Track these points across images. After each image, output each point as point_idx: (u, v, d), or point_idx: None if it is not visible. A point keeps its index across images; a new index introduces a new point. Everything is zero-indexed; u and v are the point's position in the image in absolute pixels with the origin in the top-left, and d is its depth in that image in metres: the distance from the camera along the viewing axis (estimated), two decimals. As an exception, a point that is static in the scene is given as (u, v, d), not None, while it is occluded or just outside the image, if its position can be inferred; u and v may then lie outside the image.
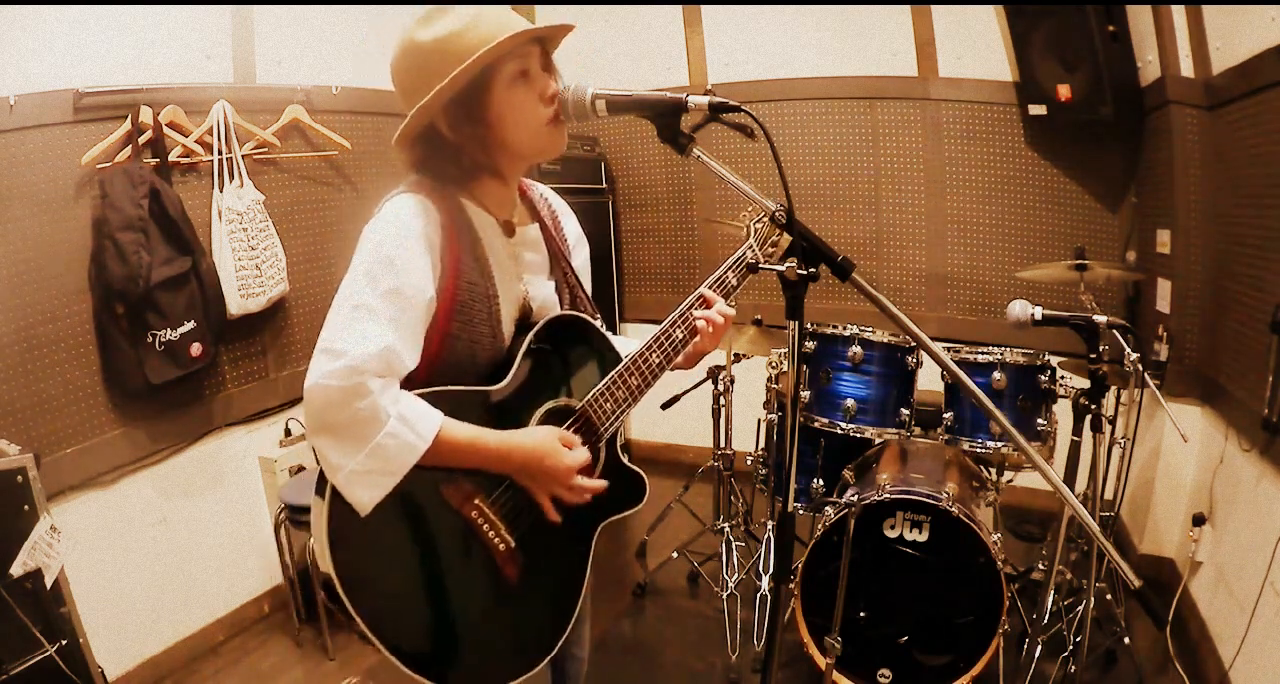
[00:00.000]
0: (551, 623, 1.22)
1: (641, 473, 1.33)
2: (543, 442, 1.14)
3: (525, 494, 1.16)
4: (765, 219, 1.43)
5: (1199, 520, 2.46)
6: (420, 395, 1.07)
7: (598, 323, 1.31)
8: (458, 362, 1.14)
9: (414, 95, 1.08)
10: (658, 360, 1.27)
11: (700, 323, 1.27)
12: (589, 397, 1.24)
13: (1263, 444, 2.10)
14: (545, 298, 1.28)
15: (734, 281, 1.32)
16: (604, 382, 1.24)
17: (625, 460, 1.31)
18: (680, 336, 1.28)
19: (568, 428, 1.20)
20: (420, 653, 1.06)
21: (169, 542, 2.53)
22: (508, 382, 1.15)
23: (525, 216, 1.29)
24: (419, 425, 1.03)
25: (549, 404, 1.21)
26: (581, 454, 1.17)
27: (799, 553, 2.26)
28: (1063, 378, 2.33)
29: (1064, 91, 2.87)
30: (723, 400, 2.84)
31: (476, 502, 1.11)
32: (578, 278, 1.34)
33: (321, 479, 1.05)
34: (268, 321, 2.76)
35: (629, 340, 1.46)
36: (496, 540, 1.13)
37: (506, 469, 1.14)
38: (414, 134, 1.13)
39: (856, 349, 2.42)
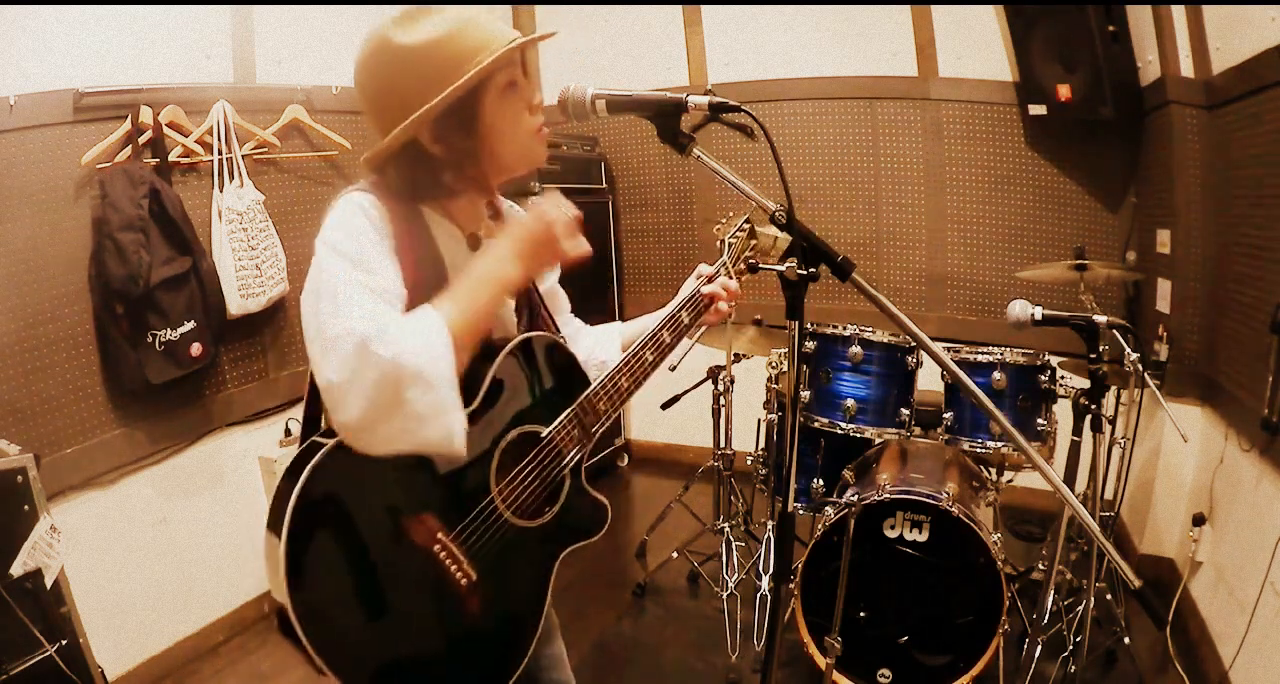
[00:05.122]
0: (508, 657, 1.19)
1: (605, 501, 1.29)
2: (507, 236, 1.04)
3: (489, 525, 1.11)
4: (743, 231, 1.44)
5: (1199, 520, 2.46)
6: None
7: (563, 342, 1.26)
8: None
9: (391, 104, 1.02)
10: (626, 385, 1.24)
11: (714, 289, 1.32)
12: (556, 423, 1.18)
13: (1263, 444, 2.10)
14: (505, 317, 1.21)
15: (686, 321, 1.32)
16: (573, 407, 1.20)
17: (589, 487, 1.27)
18: (650, 358, 1.26)
19: (535, 455, 1.16)
20: None
21: (169, 542, 2.53)
22: (475, 407, 1.09)
23: (493, 231, 1.20)
24: (434, 346, 0.92)
25: (514, 431, 1.15)
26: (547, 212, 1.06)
27: (799, 553, 2.26)
28: (1063, 378, 2.33)
29: (1064, 91, 2.87)
30: (723, 400, 2.84)
31: (440, 536, 1.06)
32: (540, 297, 1.29)
33: (274, 514, 0.99)
34: (268, 321, 2.76)
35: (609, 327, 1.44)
36: (460, 575, 1.08)
37: (509, 277, 1.04)
38: (393, 150, 1.04)
39: (856, 349, 2.42)
